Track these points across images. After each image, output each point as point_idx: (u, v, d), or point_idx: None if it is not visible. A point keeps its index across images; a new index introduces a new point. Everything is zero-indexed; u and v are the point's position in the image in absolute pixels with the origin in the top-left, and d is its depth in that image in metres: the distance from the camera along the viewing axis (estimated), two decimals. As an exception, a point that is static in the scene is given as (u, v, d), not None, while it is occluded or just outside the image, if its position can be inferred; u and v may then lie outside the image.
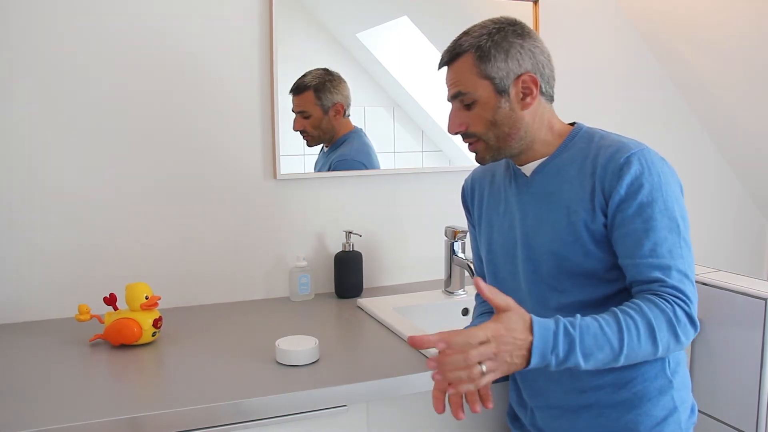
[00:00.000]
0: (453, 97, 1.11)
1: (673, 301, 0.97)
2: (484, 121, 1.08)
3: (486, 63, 1.06)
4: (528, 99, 1.08)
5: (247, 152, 1.69)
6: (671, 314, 0.96)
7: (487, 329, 0.90)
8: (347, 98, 1.74)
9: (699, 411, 1.53)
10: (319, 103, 1.70)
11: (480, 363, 0.89)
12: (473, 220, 1.29)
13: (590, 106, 2.08)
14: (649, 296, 0.98)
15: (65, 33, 1.50)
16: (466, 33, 1.09)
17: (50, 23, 1.49)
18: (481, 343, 0.89)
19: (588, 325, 0.93)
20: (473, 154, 1.15)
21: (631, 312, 0.95)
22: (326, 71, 1.73)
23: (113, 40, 1.54)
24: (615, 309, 0.97)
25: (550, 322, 0.93)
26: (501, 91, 1.07)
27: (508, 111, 1.07)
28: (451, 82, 1.10)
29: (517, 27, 1.08)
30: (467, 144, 1.14)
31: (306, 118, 1.71)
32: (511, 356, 0.90)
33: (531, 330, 0.91)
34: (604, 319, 0.95)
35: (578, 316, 0.95)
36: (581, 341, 0.92)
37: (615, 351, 0.94)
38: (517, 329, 0.91)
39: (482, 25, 1.09)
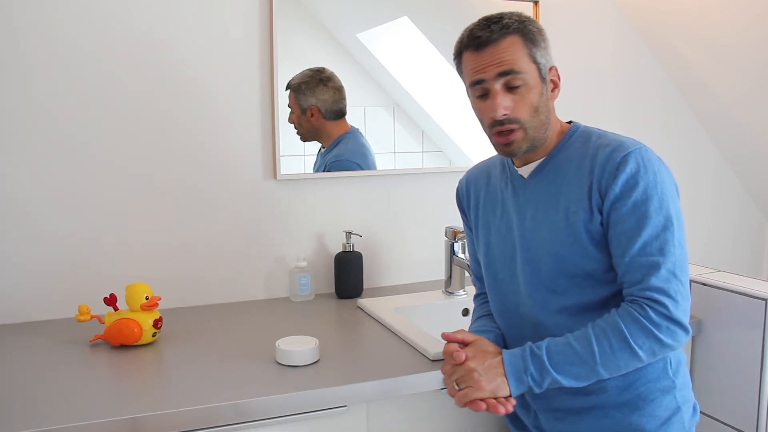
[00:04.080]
0: (499, 76, 1.03)
1: (647, 304, 0.98)
2: (529, 106, 1.05)
3: (534, 47, 1.05)
4: (555, 92, 1.09)
5: (247, 152, 1.69)
6: (645, 320, 0.97)
7: (458, 353, 1.05)
8: (324, 102, 1.73)
9: (699, 411, 1.54)
10: (298, 103, 1.71)
11: (454, 382, 1.04)
12: (469, 222, 1.29)
13: (590, 106, 2.08)
14: (623, 305, 1.01)
15: (70, 35, 1.50)
16: (500, 18, 1.05)
17: (55, 25, 1.49)
18: (453, 367, 1.05)
19: (556, 342, 1.02)
20: (499, 146, 1.08)
21: (602, 324, 1.00)
22: (315, 71, 1.73)
23: (114, 40, 1.54)
24: (588, 324, 1.02)
25: (517, 349, 1.04)
26: (543, 78, 1.06)
27: (546, 100, 1.08)
28: (498, 60, 1.03)
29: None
30: (500, 132, 1.06)
31: (292, 113, 1.73)
32: (485, 372, 1.02)
33: (502, 356, 1.04)
34: (574, 335, 1.01)
35: (548, 338, 1.03)
36: (549, 358, 1.00)
37: (588, 363, 0.99)
38: (486, 351, 1.05)
39: (512, 14, 1.06)
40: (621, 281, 1.02)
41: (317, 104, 1.72)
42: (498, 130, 1.06)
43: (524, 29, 1.05)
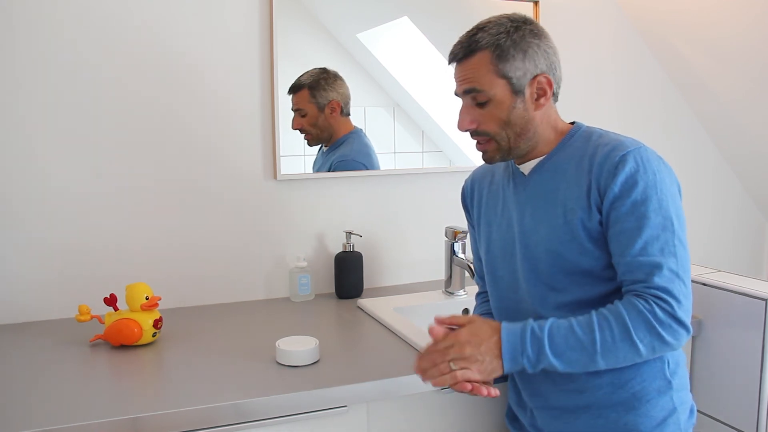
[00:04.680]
0: (465, 93, 1.08)
1: (654, 301, 0.97)
2: (498, 120, 1.07)
3: (504, 62, 1.04)
4: (542, 100, 1.08)
5: (247, 153, 1.69)
6: (650, 315, 0.97)
7: (451, 335, 1.01)
8: (344, 96, 1.74)
9: (699, 411, 1.54)
10: (314, 101, 1.71)
11: (450, 362, 0.99)
12: (473, 221, 1.29)
13: (590, 106, 2.08)
14: (629, 297, 1.00)
15: (70, 35, 1.50)
16: (481, 29, 1.06)
17: (55, 25, 1.49)
18: (446, 348, 1.00)
19: (559, 326, 0.99)
20: (480, 153, 1.12)
21: (606, 312, 0.99)
22: (323, 70, 1.73)
23: (115, 41, 1.54)
24: (592, 311, 1.00)
25: (517, 326, 1.00)
26: (516, 92, 1.06)
27: (522, 111, 1.07)
28: (463, 77, 1.07)
29: (533, 26, 1.07)
30: (476, 142, 1.12)
31: (303, 116, 1.72)
32: (482, 356, 0.99)
33: (499, 334, 1.00)
34: (577, 320, 0.99)
35: (551, 318, 1.00)
36: (550, 341, 0.98)
37: (588, 350, 0.97)
38: (481, 332, 1.01)
39: (498, 23, 1.06)
40: (622, 280, 1.02)
41: (338, 98, 1.72)
42: (474, 139, 1.11)
43: (496, 44, 1.04)
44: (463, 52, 1.07)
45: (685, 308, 0.98)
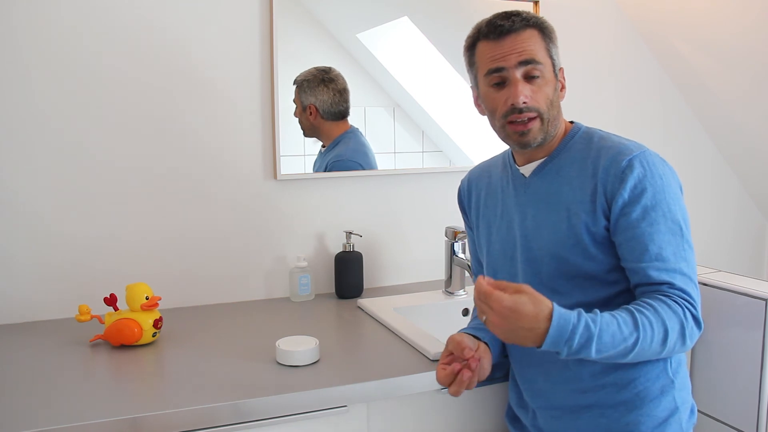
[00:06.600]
0: (520, 64, 1.04)
1: (683, 303, 0.98)
2: (546, 98, 1.06)
3: (550, 43, 1.08)
4: (563, 91, 1.11)
5: (247, 152, 1.69)
6: (682, 317, 0.97)
7: (516, 297, 0.90)
8: (324, 103, 1.73)
9: (699, 411, 1.54)
10: (300, 99, 1.72)
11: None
12: (470, 222, 1.29)
13: (589, 106, 2.08)
14: (660, 297, 0.98)
15: (69, 32, 1.50)
16: (518, 12, 1.06)
17: (55, 20, 1.49)
18: (507, 306, 0.90)
19: (608, 323, 0.93)
20: (515, 136, 1.07)
21: (647, 313, 0.95)
22: (321, 71, 1.73)
23: (115, 41, 1.54)
24: (631, 308, 0.96)
25: (572, 315, 0.91)
26: (555, 74, 1.08)
27: (557, 96, 1.09)
28: (520, 48, 1.04)
29: None
30: (516, 121, 1.05)
31: (296, 109, 1.74)
32: (515, 334, 0.91)
33: (549, 318, 0.89)
34: (622, 317, 0.94)
35: (598, 312, 0.94)
36: (599, 338, 0.91)
37: (627, 350, 0.94)
38: (538, 307, 0.90)
39: (528, 12, 1.08)
40: (637, 284, 1.02)
41: (316, 104, 1.73)
42: (515, 118, 1.05)
43: (542, 25, 1.07)
44: (517, 25, 1.05)
45: (700, 309, 1.00)
